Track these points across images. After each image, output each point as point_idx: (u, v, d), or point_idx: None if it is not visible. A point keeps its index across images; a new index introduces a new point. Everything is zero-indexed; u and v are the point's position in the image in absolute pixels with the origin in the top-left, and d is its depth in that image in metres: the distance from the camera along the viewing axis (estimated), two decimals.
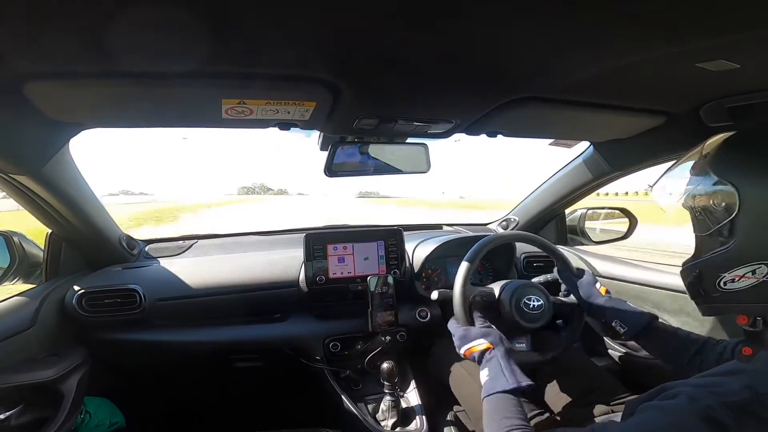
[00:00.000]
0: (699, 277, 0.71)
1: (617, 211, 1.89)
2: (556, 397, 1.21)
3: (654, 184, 0.81)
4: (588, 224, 1.88)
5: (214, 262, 1.53)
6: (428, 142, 1.26)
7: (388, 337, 1.36)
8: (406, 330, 1.44)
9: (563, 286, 1.25)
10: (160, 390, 1.67)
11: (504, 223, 2.02)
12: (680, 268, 0.77)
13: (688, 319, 1.34)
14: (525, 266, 1.72)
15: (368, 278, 1.36)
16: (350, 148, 1.16)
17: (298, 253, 1.45)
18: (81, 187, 1.18)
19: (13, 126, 0.84)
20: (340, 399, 1.31)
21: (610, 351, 1.61)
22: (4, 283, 1.24)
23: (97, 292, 1.28)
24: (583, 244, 1.86)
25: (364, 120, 1.03)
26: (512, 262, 1.67)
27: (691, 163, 0.71)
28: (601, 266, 1.65)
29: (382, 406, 1.28)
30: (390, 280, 1.37)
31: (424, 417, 1.26)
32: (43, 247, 1.31)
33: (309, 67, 0.77)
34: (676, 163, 0.76)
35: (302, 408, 1.67)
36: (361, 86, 0.86)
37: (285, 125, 1.01)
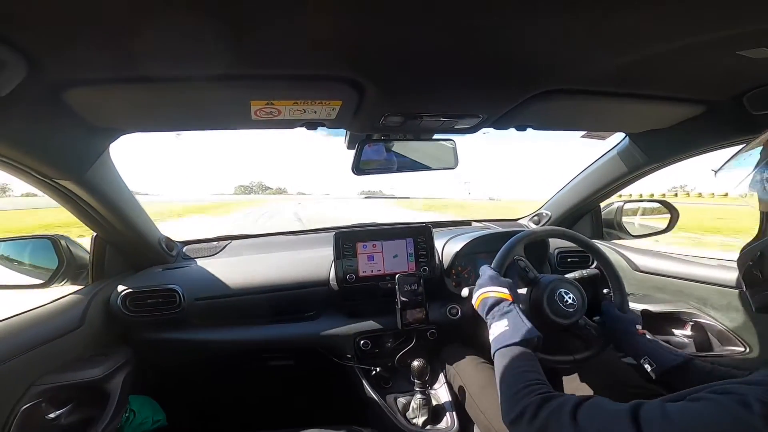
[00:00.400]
0: (759, 259, 0.71)
1: (656, 204, 1.81)
2: (576, 390, 1.16)
3: (719, 169, 0.81)
4: (625, 218, 1.81)
5: (247, 262, 1.56)
6: (456, 137, 1.25)
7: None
8: (437, 327, 1.43)
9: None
10: (197, 387, 1.72)
11: (535, 218, 1.97)
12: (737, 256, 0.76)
13: (737, 314, 1.27)
14: (559, 261, 1.67)
15: (397, 276, 1.35)
16: (377, 145, 1.17)
17: (327, 252, 1.46)
18: (122, 191, 1.23)
19: (57, 133, 0.88)
20: (371, 397, 1.32)
21: None
22: (53, 285, 1.29)
23: (139, 292, 1.33)
24: (620, 238, 1.79)
25: (390, 117, 1.04)
26: (545, 258, 1.63)
27: (759, 148, 0.74)
28: (640, 260, 1.58)
29: (413, 403, 1.27)
30: (419, 277, 1.37)
31: (454, 414, 1.25)
32: (88, 249, 1.37)
33: (333, 67, 0.78)
34: (743, 148, 0.78)
35: (333, 405, 1.69)
36: (386, 84, 0.86)
37: (312, 125, 1.03)
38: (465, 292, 1.17)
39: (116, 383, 1.20)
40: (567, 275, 1.23)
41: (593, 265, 1.27)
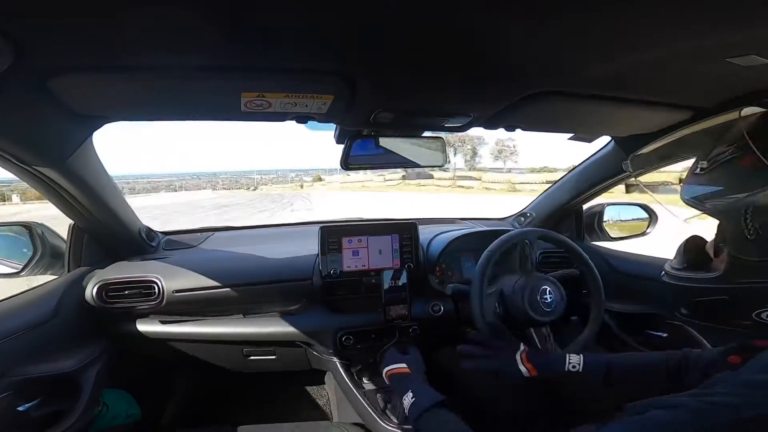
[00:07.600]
0: None
1: (636, 207, 1.85)
2: None
3: None
4: (606, 220, 1.84)
5: (229, 255, 1.54)
6: (444, 134, 1.25)
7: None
8: (419, 324, 1.44)
9: None
10: (175, 381, 1.69)
11: (520, 218, 2.00)
12: None
13: None
14: (541, 262, 1.70)
15: (382, 272, 1.35)
16: (366, 141, 1.16)
17: (312, 246, 1.45)
18: (103, 180, 1.20)
19: (39, 120, 0.86)
20: (351, 392, 1.33)
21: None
22: (25, 274, 1.26)
23: (117, 282, 1.29)
24: (600, 240, 1.83)
25: (381, 114, 1.03)
26: (528, 258, 1.66)
27: None
28: (618, 262, 1.62)
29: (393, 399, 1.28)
30: (403, 273, 1.37)
31: None
32: (65, 238, 1.33)
33: (327, 61, 0.77)
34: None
35: (313, 401, 1.69)
36: (379, 81, 0.85)
37: (302, 118, 1.01)
38: (449, 289, 1.18)
39: (89, 376, 1.17)
40: (549, 274, 1.26)
41: (575, 266, 1.30)
